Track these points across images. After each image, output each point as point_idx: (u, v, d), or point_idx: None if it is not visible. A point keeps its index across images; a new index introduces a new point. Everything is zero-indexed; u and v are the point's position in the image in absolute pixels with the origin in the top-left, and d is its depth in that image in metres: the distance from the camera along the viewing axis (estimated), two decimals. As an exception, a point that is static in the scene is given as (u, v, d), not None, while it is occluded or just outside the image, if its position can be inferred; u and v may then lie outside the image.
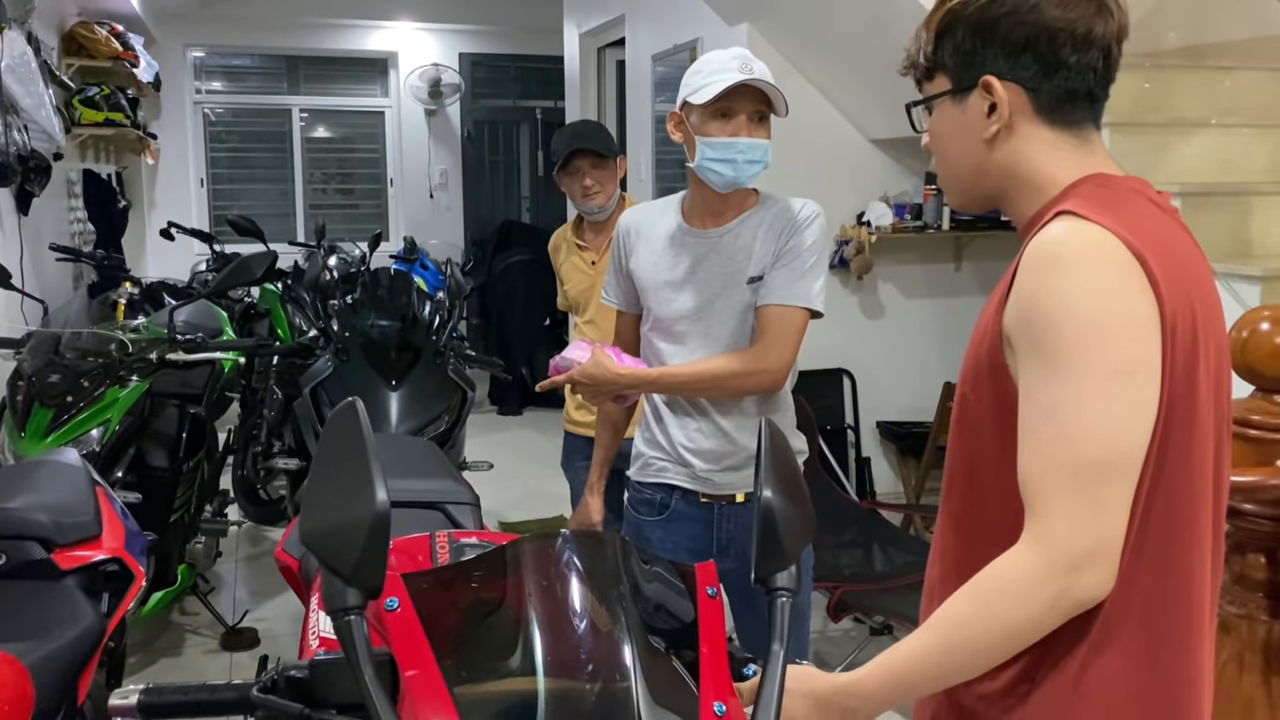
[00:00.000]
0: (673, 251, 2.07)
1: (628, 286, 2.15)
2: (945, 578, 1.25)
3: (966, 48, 1.19)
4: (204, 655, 3.50)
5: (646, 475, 2.14)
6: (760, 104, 1.97)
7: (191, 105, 7.83)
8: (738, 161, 1.95)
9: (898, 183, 4.51)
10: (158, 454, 3.28)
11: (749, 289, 2.02)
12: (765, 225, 2.03)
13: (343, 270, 5.95)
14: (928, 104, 1.25)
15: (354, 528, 0.97)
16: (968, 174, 1.25)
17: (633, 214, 2.19)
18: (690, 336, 2.05)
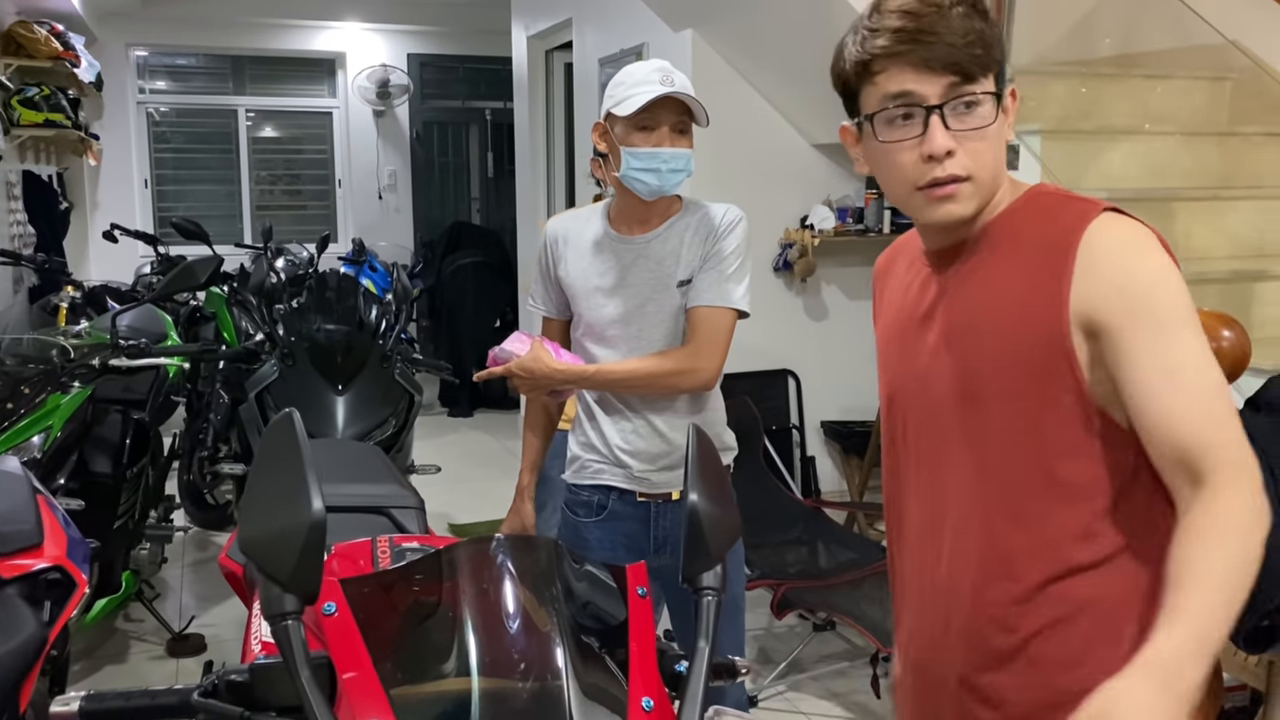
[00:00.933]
0: (601, 258, 2.12)
1: (556, 293, 2.19)
2: (996, 575, 1.26)
3: (999, 55, 1.24)
4: (149, 662, 3.48)
5: (582, 478, 2.18)
6: (682, 115, 2.03)
7: (135, 105, 7.73)
8: (662, 171, 2.01)
9: (840, 187, 4.59)
10: (101, 460, 3.26)
11: (678, 292, 2.08)
12: (691, 230, 2.09)
13: (290, 272, 5.93)
14: (982, 100, 1.23)
15: (290, 536, 1.01)
16: (997, 178, 1.26)
17: (559, 222, 2.23)
18: (622, 340, 2.10)
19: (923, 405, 1.32)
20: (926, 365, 1.31)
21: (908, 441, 1.36)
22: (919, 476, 1.34)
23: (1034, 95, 3.50)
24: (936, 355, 1.29)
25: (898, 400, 1.38)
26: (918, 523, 1.35)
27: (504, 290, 7.16)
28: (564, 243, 2.17)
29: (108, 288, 5.44)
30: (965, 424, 1.26)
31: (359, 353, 3.44)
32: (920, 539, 1.35)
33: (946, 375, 1.28)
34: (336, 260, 7.06)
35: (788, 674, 3.38)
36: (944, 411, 1.28)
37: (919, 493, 1.34)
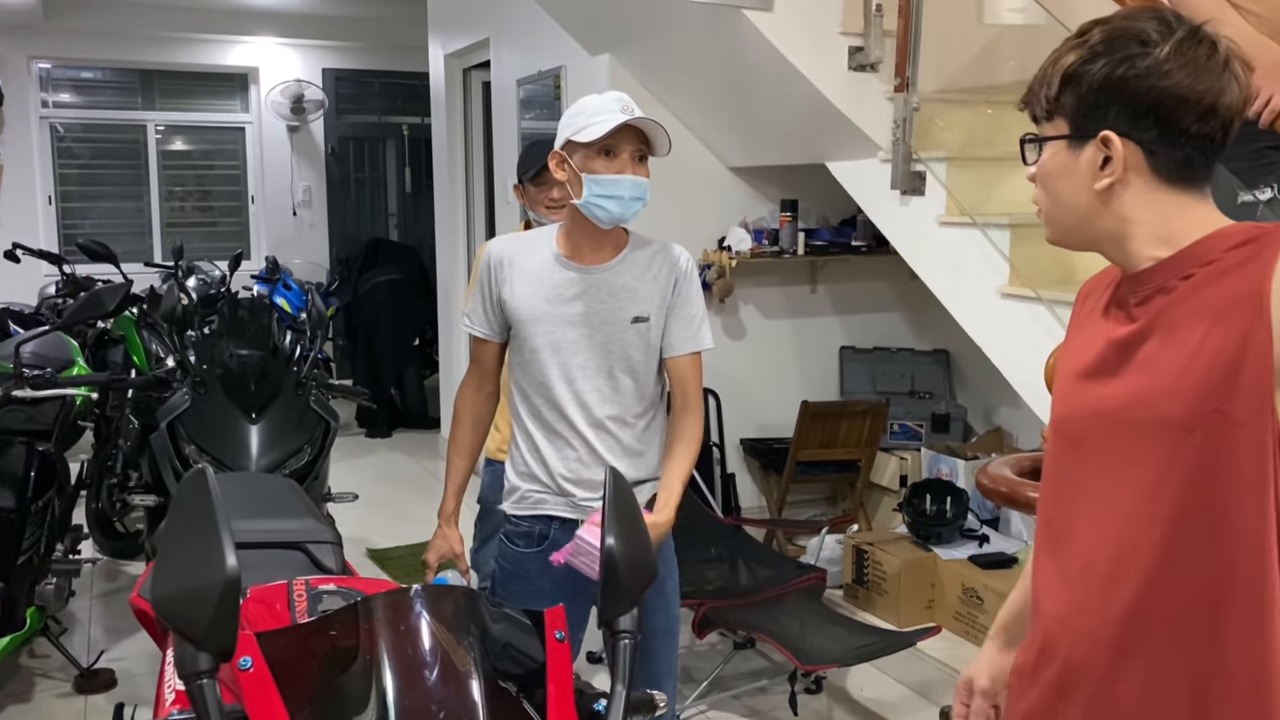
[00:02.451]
0: (551, 285, 2.11)
1: (496, 316, 2.17)
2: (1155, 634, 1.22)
3: (1090, 100, 1.21)
4: (57, 700, 3.38)
5: (523, 508, 2.18)
6: (641, 144, 2.06)
7: (38, 119, 7.50)
8: (624, 198, 2.03)
9: (755, 209, 4.67)
10: (3, 494, 3.16)
11: (634, 329, 2.11)
12: (647, 269, 2.13)
13: (202, 292, 5.82)
14: (1041, 142, 1.28)
15: (204, 594, 1.01)
16: (1075, 216, 1.27)
17: (502, 245, 2.21)
18: (571, 368, 2.11)
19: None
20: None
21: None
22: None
23: (940, 122, 3.61)
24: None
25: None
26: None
27: (423, 307, 7.11)
28: (508, 265, 2.15)
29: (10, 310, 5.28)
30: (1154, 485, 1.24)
31: (273, 380, 3.39)
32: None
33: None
34: (250, 278, 6.94)
35: (709, 692, 3.41)
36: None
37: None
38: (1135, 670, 1.23)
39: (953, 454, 4.41)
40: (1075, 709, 1.29)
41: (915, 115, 3.48)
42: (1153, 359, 1.22)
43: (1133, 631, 1.23)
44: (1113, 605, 1.24)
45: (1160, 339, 1.22)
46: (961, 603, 3.86)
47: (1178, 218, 1.22)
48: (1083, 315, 1.38)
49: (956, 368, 4.93)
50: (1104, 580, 1.25)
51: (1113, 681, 1.25)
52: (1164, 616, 1.21)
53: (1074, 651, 1.29)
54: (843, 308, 4.95)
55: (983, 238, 3.23)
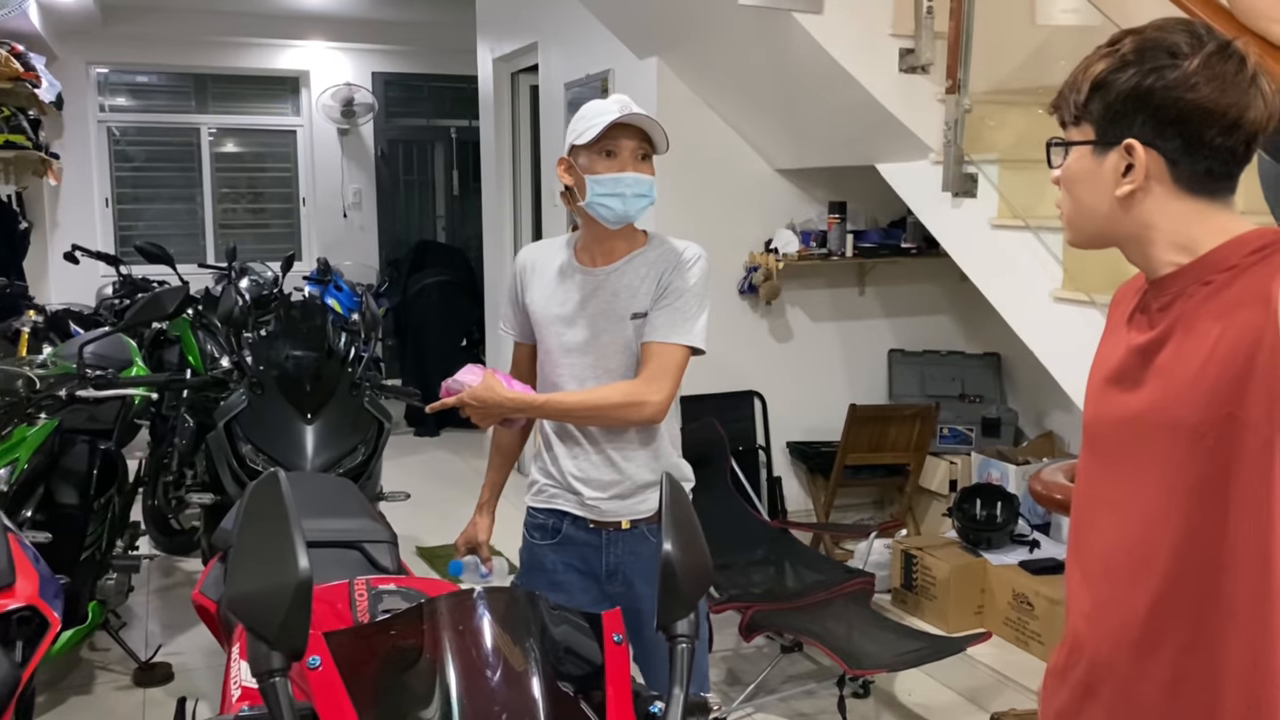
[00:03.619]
0: (563, 287, 2.16)
1: (523, 319, 2.24)
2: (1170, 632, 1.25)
3: (1116, 108, 1.23)
4: (116, 692, 3.46)
5: (539, 501, 2.22)
6: (643, 143, 2.08)
7: (95, 123, 7.67)
8: (626, 195, 2.05)
9: (803, 211, 4.66)
10: (68, 492, 3.25)
11: (631, 324, 2.12)
12: (649, 265, 2.14)
13: (255, 293, 5.91)
14: (1067, 147, 1.31)
15: (278, 595, 1.04)
16: (1096, 220, 1.30)
17: (528, 252, 2.29)
18: (580, 368, 2.15)
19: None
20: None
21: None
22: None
23: (992, 124, 3.59)
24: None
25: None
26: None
27: (470, 309, 7.18)
28: (531, 271, 2.22)
29: (70, 311, 5.40)
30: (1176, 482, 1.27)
31: (328, 380, 3.45)
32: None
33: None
34: (301, 279, 7.04)
35: (756, 695, 3.42)
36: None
37: None
38: (1157, 669, 1.26)
39: (1003, 458, 4.37)
40: (1100, 707, 1.33)
41: (967, 117, 3.46)
42: (1170, 364, 1.24)
43: (1153, 631, 1.26)
44: (1133, 605, 1.27)
45: (1177, 344, 1.24)
46: (1012, 609, 3.83)
47: (1197, 225, 1.24)
48: (1114, 320, 1.40)
49: (1007, 371, 4.89)
50: (1124, 581, 1.29)
51: (1135, 680, 1.28)
52: (1181, 616, 1.24)
53: (1099, 651, 1.32)
54: (892, 310, 4.92)
55: (1035, 240, 3.21)
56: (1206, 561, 1.22)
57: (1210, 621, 1.23)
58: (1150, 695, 1.27)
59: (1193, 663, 1.24)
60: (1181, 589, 1.24)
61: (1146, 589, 1.26)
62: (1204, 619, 1.23)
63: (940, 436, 4.62)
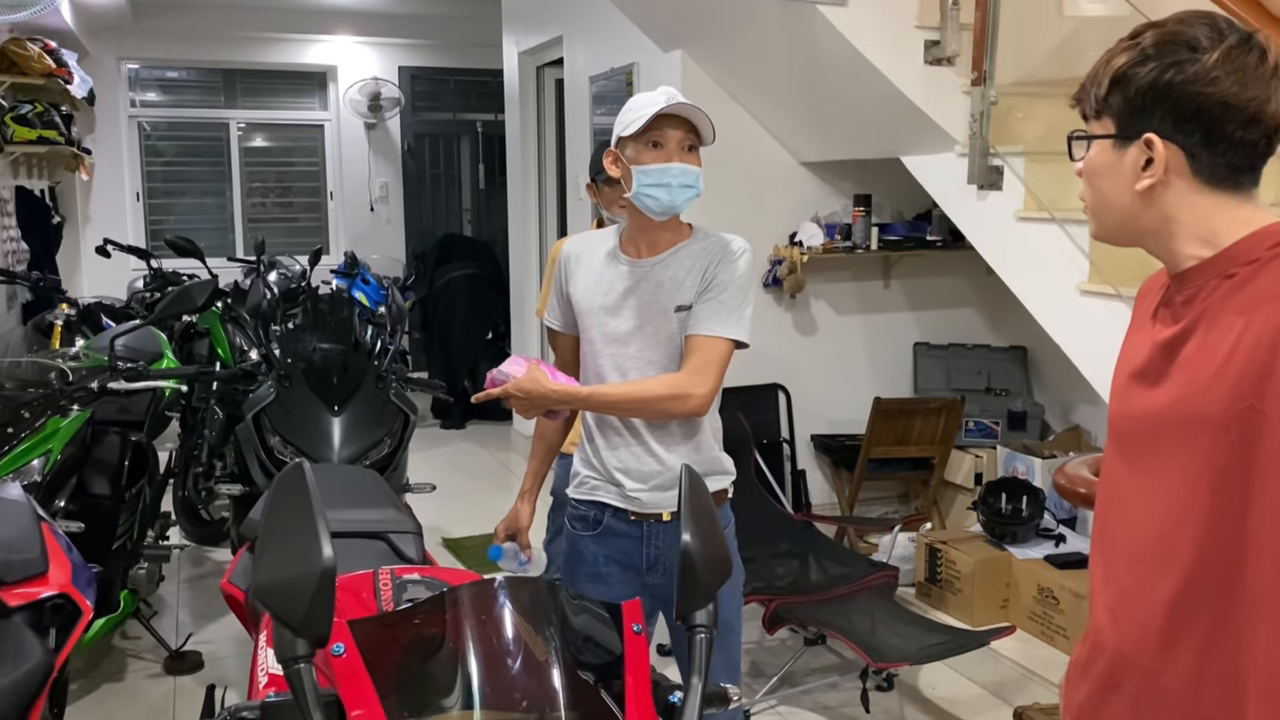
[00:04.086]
0: (608, 278, 2.16)
1: (567, 309, 2.24)
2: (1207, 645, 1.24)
3: (1136, 103, 1.23)
4: (147, 680, 3.51)
5: (581, 493, 2.23)
6: (689, 134, 2.08)
7: (126, 118, 7.76)
8: (672, 186, 2.05)
9: (828, 204, 4.65)
10: (100, 482, 3.29)
11: (675, 317, 2.11)
12: (694, 257, 2.14)
13: (283, 286, 5.96)
14: (1088, 140, 1.32)
15: (302, 583, 1.06)
16: (1118, 213, 1.30)
17: (573, 242, 2.29)
18: (623, 359, 2.15)
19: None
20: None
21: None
22: None
23: (1018, 116, 3.56)
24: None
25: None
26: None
27: (496, 302, 7.22)
28: (576, 261, 2.22)
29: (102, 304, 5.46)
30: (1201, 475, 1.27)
31: (355, 373, 3.48)
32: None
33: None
34: (329, 273, 7.10)
35: (779, 688, 3.42)
36: None
37: None
38: (1180, 661, 1.26)
39: (1029, 452, 4.35)
40: (1123, 699, 1.33)
41: (993, 109, 3.44)
42: (1193, 358, 1.24)
43: (1176, 623, 1.26)
44: (1156, 598, 1.27)
45: (1200, 338, 1.24)
46: (1037, 603, 3.81)
47: (1219, 218, 1.24)
48: (1140, 315, 1.40)
49: (1034, 365, 4.86)
50: (1147, 574, 1.29)
51: (1159, 672, 1.28)
52: (1204, 608, 1.24)
53: (1123, 643, 1.32)
54: (917, 303, 4.91)
55: (1061, 233, 3.19)
56: (1229, 554, 1.22)
57: (1232, 613, 1.23)
58: (1174, 687, 1.27)
59: (1216, 654, 1.24)
60: (1204, 581, 1.24)
61: (1169, 582, 1.26)
62: (1226, 611, 1.23)
63: (965, 430, 4.60)
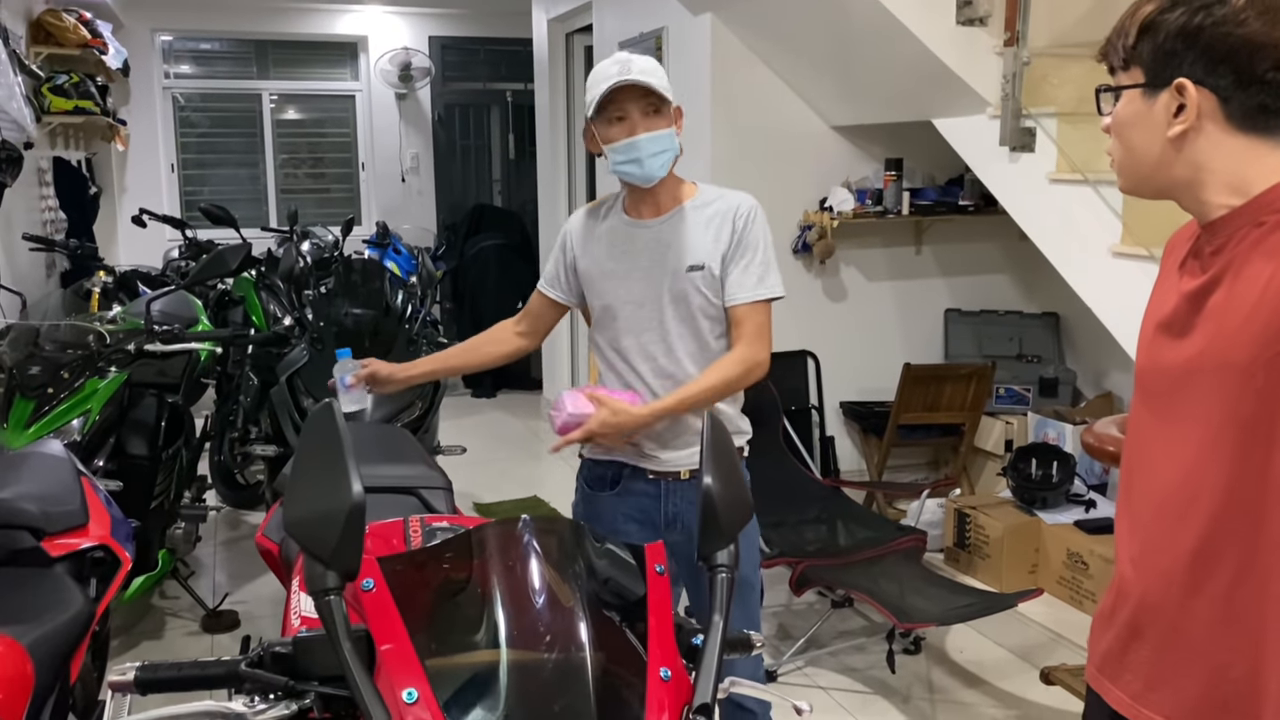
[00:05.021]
0: (615, 243, 2.18)
1: (570, 278, 2.27)
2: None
3: (1166, 49, 1.23)
4: (185, 637, 3.59)
5: (598, 453, 2.24)
6: (648, 99, 2.05)
7: (161, 90, 7.82)
8: (642, 159, 2.05)
9: (859, 168, 4.62)
10: (137, 443, 3.36)
11: (688, 277, 2.11)
12: (705, 219, 2.13)
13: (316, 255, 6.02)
14: (1117, 92, 1.31)
15: (332, 517, 1.08)
16: (1148, 165, 1.30)
17: (576, 217, 2.31)
18: (637, 322, 2.16)
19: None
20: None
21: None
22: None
23: (1051, 77, 3.52)
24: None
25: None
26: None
27: (526, 272, 7.23)
28: (579, 232, 2.25)
29: (138, 272, 5.54)
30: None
31: (386, 337, 3.52)
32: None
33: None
34: (361, 243, 7.15)
35: (806, 649, 3.45)
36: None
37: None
38: (1203, 608, 1.27)
39: (1060, 418, 4.33)
40: (1147, 647, 1.34)
41: (1025, 70, 3.40)
42: (1221, 306, 1.24)
43: (1199, 570, 1.26)
44: (1181, 546, 1.28)
45: (1228, 286, 1.23)
46: (1066, 568, 3.81)
47: (1251, 165, 1.23)
48: (1167, 268, 1.40)
49: (1066, 330, 4.82)
50: (1172, 522, 1.29)
51: (1182, 619, 1.29)
52: (1227, 555, 1.24)
53: (1147, 592, 1.33)
54: (948, 269, 4.88)
55: (1094, 195, 3.16)
56: (1253, 501, 1.22)
57: (1256, 559, 1.23)
58: (1197, 633, 1.28)
59: (1239, 600, 1.24)
60: (1227, 528, 1.24)
61: (1193, 529, 1.27)
62: (1250, 557, 1.23)
63: (996, 397, 4.58)
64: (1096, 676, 1.43)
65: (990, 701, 3.21)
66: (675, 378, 2.15)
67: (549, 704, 1.11)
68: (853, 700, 3.21)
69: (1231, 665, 1.26)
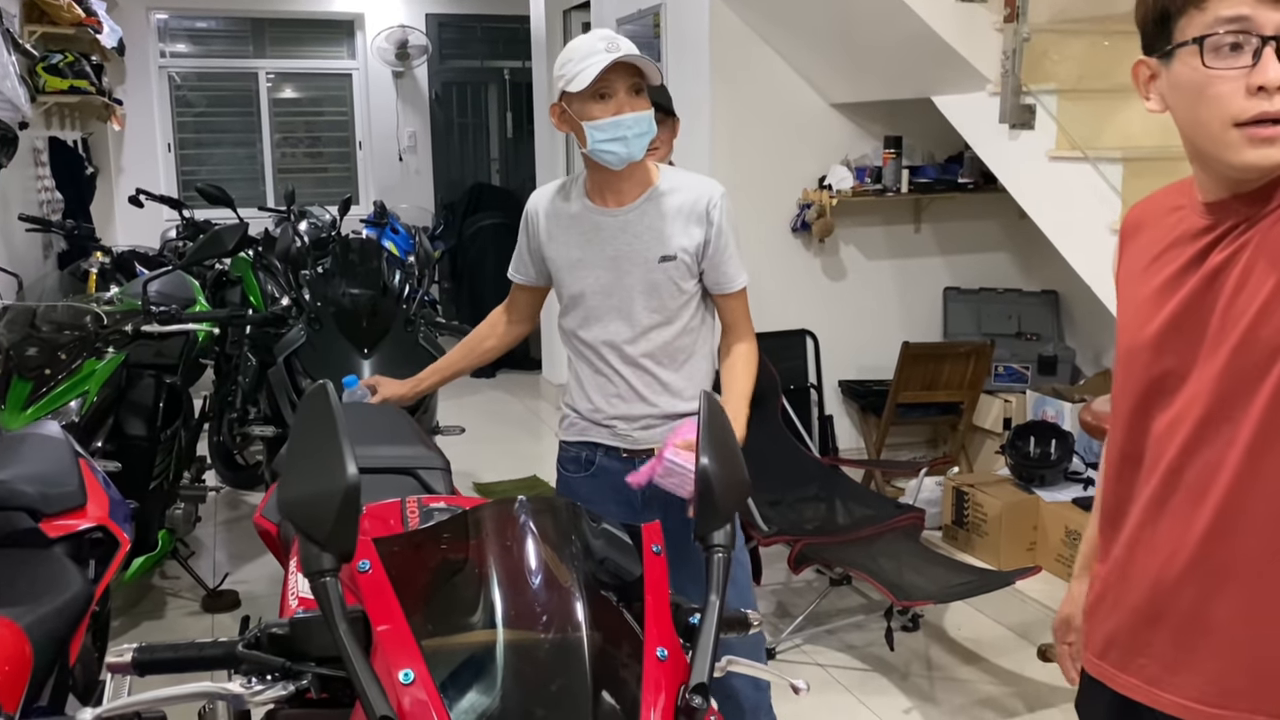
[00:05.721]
0: (580, 231, 2.15)
1: (538, 264, 2.24)
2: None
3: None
4: (186, 617, 3.60)
5: (571, 435, 2.25)
6: (634, 78, 2.02)
7: (156, 69, 7.78)
8: (628, 138, 2.02)
9: (858, 146, 4.61)
10: (136, 423, 3.36)
11: (660, 268, 2.10)
12: (674, 208, 2.11)
13: (313, 235, 5.99)
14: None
15: (327, 499, 1.08)
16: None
17: (538, 197, 2.26)
18: (604, 311, 2.14)
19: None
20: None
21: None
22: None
23: (1051, 54, 3.50)
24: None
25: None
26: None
27: (525, 251, 7.21)
28: (544, 216, 2.20)
29: (135, 253, 5.53)
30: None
31: (383, 317, 3.51)
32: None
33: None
34: (359, 223, 7.12)
35: (805, 627, 3.46)
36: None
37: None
38: (1228, 589, 1.23)
39: (1059, 396, 4.33)
40: (1165, 633, 1.29)
41: (1025, 46, 3.38)
42: (1240, 283, 1.19)
43: (1221, 551, 1.22)
44: (1195, 525, 1.23)
45: (1248, 263, 1.18)
46: (1064, 545, 3.81)
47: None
48: (1145, 244, 1.34)
49: (1066, 309, 4.82)
50: (1185, 501, 1.25)
51: (1206, 604, 1.24)
52: (1248, 533, 1.20)
53: (1162, 575, 1.28)
54: (948, 247, 4.86)
55: (1094, 172, 3.15)
56: (1272, 478, 1.18)
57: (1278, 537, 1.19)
58: (1221, 616, 1.23)
59: (1267, 581, 1.20)
60: (1250, 508, 1.20)
61: (1210, 509, 1.22)
62: (1272, 535, 1.19)
63: (995, 375, 4.58)
64: (1097, 664, 1.39)
65: (988, 678, 3.23)
66: (642, 365, 2.16)
67: (546, 684, 1.11)
68: (851, 677, 3.23)
69: (1259, 645, 1.21)
